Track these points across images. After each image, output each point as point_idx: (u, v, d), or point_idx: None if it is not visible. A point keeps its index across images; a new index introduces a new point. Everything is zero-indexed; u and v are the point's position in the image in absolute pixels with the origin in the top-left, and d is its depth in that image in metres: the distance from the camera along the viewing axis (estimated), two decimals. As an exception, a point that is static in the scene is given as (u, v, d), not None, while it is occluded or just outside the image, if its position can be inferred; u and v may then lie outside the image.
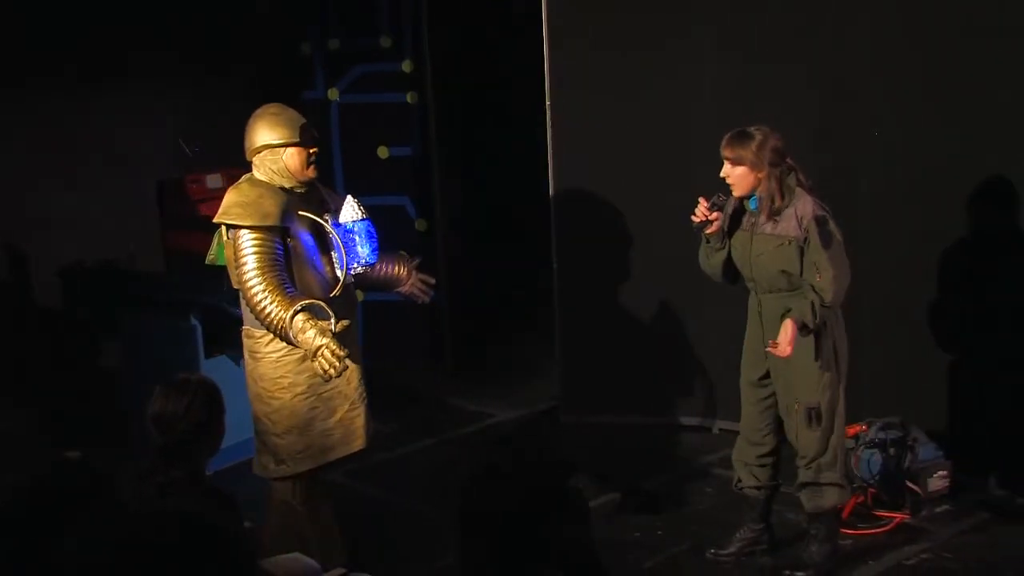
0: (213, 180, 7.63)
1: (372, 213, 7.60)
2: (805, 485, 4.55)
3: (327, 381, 4.20)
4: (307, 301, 4.12)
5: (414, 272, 4.85)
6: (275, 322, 4.09)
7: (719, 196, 4.45)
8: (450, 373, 7.51)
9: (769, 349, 4.33)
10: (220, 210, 4.30)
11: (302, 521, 4.42)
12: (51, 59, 6.77)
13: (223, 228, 4.33)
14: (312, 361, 4.07)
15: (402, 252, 4.87)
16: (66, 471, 2.61)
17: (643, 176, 6.12)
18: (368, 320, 7.87)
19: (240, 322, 4.49)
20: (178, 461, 3.27)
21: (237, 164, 7.70)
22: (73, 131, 7.06)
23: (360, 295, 7.84)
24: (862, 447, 5.23)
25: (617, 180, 6.20)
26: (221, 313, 5.95)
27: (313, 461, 4.41)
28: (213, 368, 5.81)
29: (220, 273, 7.45)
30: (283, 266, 4.21)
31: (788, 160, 4.38)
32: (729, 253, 4.55)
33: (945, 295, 5.33)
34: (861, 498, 5.17)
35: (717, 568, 4.76)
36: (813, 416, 4.41)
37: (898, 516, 5.03)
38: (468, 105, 7.81)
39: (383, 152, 7.54)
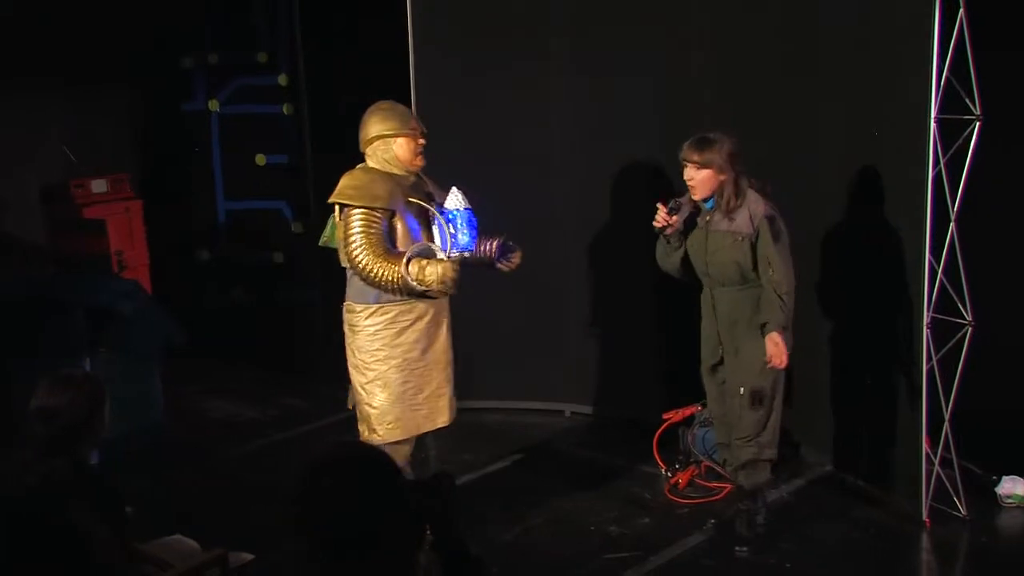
0: (98, 185, 7.39)
1: (251, 216, 7.58)
2: (745, 464, 4.58)
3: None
4: (414, 248, 4.23)
5: (501, 247, 4.70)
6: (393, 280, 4.19)
7: (676, 200, 4.45)
8: (324, 364, 7.40)
9: (770, 366, 4.38)
10: (335, 192, 4.33)
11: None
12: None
13: (336, 211, 4.35)
14: (446, 287, 4.24)
15: (501, 236, 4.73)
16: None
17: (504, 178, 6.11)
18: (248, 314, 7.71)
19: (125, 317, 4.34)
20: (60, 453, 3.13)
21: (120, 169, 7.54)
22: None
23: (240, 292, 7.68)
24: (697, 425, 5.33)
25: (479, 182, 6.16)
26: (106, 311, 5.74)
27: (402, 433, 4.43)
28: (96, 364, 5.59)
29: (108, 271, 7.19)
30: (388, 240, 4.26)
31: (741, 163, 4.41)
32: (685, 251, 4.54)
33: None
34: (696, 471, 5.29)
35: (566, 537, 4.80)
36: (756, 398, 4.46)
37: (728, 486, 5.13)
38: (340, 115, 7.71)
39: (260, 160, 7.42)
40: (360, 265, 4.21)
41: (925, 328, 4.54)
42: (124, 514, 3.20)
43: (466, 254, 4.42)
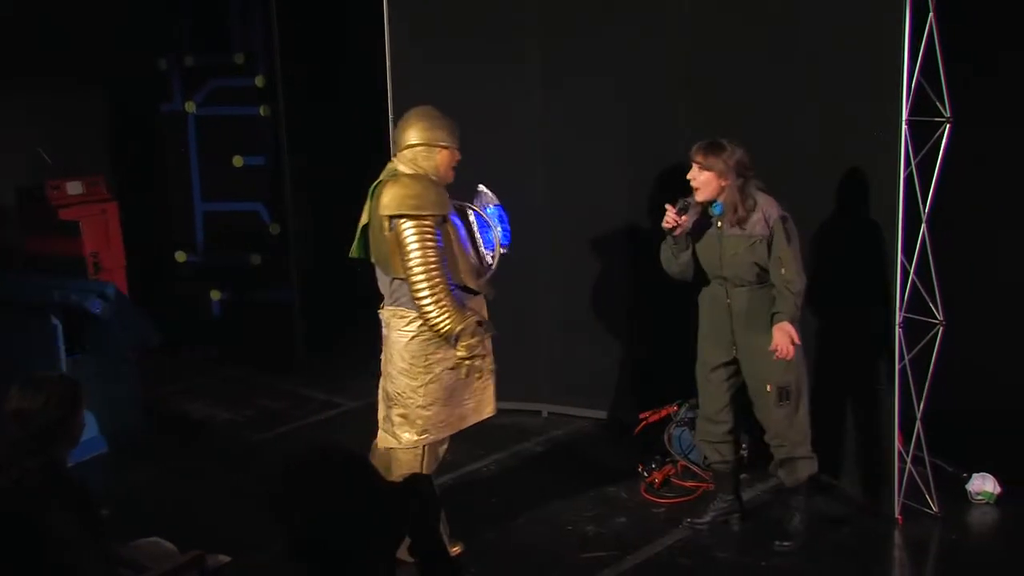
0: (73, 187, 7.32)
1: (228, 217, 7.53)
2: (782, 463, 4.56)
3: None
4: (473, 320, 4.20)
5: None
6: (442, 330, 4.13)
7: (683, 200, 4.43)
8: (301, 365, 7.38)
9: (777, 356, 4.32)
10: (392, 205, 4.10)
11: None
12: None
13: (385, 222, 4.14)
14: (462, 362, 4.26)
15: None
16: None
17: (483, 179, 6.09)
18: (226, 316, 7.66)
19: (101, 318, 4.26)
20: (35, 454, 3.09)
21: (97, 171, 7.47)
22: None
23: (217, 294, 7.63)
24: (674, 425, 5.34)
25: (458, 182, 6.16)
26: (81, 313, 5.68)
27: (451, 429, 4.43)
28: (73, 366, 5.54)
29: (84, 273, 7.10)
30: (442, 256, 4.13)
31: (750, 171, 4.38)
32: (693, 251, 4.51)
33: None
34: (673, 470, 5.29)
35: (544, 536, 4.79)
36: (783, 395, 4.44)
37: (703, 485, 5.15)
38: (316, 117, 7.70)
39: (238, 161, 7.38)
40: (420, 296, 4.08)
41: (897, 328, 4.55)
42: (100, 516, 3.17)
43: (503, 250, 4.46)
